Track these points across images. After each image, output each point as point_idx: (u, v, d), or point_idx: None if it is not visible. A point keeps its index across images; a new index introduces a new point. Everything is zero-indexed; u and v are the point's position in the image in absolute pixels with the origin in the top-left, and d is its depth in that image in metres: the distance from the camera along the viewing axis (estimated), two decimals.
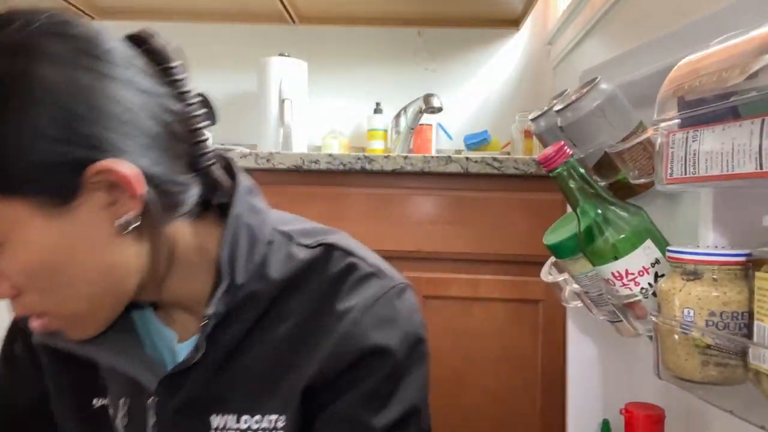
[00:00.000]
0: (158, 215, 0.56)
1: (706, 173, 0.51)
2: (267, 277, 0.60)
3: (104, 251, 0.54)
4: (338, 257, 0.63)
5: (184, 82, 0.60)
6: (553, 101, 0.77)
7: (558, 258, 0.68)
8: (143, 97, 0.55)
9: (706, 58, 0.52)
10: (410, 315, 0.63)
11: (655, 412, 0.63)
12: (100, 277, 0.55)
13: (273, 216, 0.67)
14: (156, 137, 0.55)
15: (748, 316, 0.50)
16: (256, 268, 0.60)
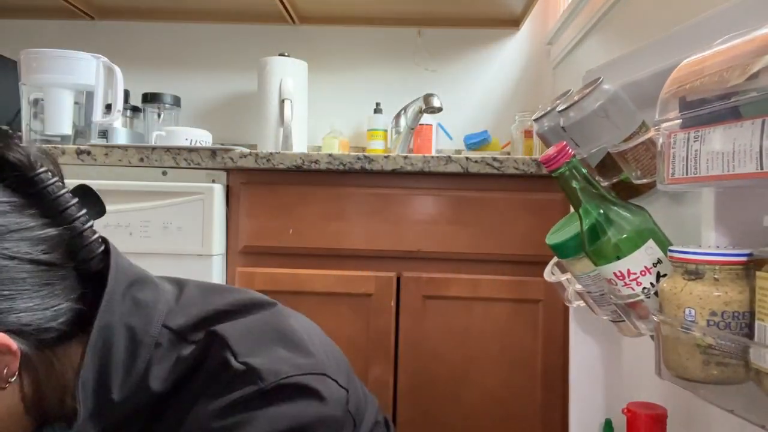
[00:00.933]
0: (38, 358, 0.53)
1: (707, 173, 0.51)
2: (149, 389, 0.56)
3: (3, 408, 0.53)
4: (215, 352, 0.58)
5: (51, 188, 0.54)
6: (556, 101, 0.77)
7: (560, 258, 0.68)
8: (14, 242, 0.51)
9: (708, 59, 0.52)
10: (271, 421, 0.55)
11: (657, 411, 0.63)
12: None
13: (169, 303, 0.62)
14: (30, 282, 0.52)
15: (750, 315, 0.50)
16: (137, 381, 0.56)
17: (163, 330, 0.59)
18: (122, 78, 1.65)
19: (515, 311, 1.37)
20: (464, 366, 1.37)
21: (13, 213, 0.52)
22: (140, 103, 1.91)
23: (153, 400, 0.57)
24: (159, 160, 1.35)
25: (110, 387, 0.55)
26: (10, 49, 1.84)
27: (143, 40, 2.12)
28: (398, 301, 1.36)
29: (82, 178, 1.36)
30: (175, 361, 0.57)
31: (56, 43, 1.68)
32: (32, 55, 1.60)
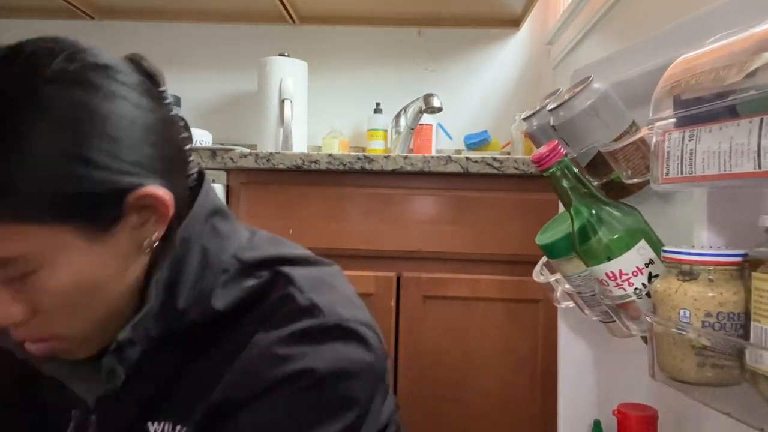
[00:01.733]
0: (174, 233, 0.58)
1: (703, 173, 0.50)
2: (211, 307, 0.60)
3: (128, 272, 0.57)
4: (279, 286, 0.61)
5: (171, 105, 0.61)
6: (546, 100, 0.76)
7: (551, 258, 0.68)
8: (159, 122, 0.57)
9: (703, 56, 0.52)
10: (327, 356, 0.58)
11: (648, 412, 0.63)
12: (121, 296, 0.57)
13: (241, 241, 0.65)
14: (171, 159, 0.58)
15: (745, 316, 0.50)
16: (202, 296, 0.60)
17: (233, 260, 0.62)
18: None
19: (515, 311, 1.37)
20: (464, 366, 1.36)
21: (156, 103, 0.58)
22: None
23: (212, 319, 0.60)
24: None
25: (177, 294, 0.58)
26: None
27: (143, 40, 2.12)
28: (398, 301, 1.36)
29: None
30: (239, 289, 0.61)
31: None
32: None
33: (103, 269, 0.55)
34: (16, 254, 0.51)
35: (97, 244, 0.53)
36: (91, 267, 0.54)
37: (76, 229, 0.52)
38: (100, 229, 0.53)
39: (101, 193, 0.52)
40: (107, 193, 0.52)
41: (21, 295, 0.53)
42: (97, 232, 0.53)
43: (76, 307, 0.55)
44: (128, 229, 0.55)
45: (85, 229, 0.52)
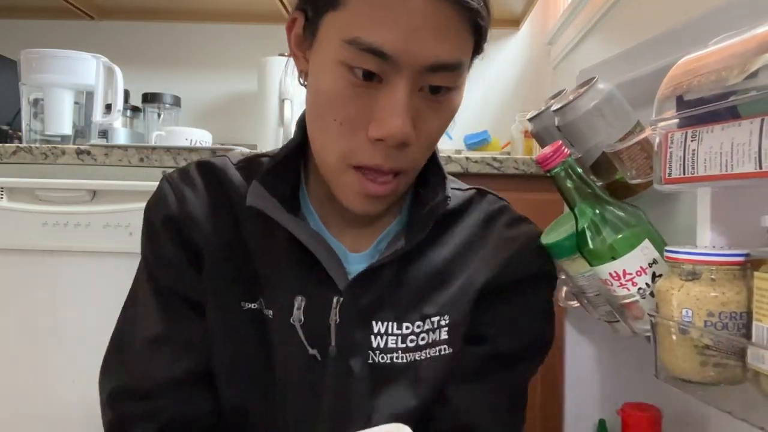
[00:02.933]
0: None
1: (705, 173, 0.51)
2: (446, 197, 0.65)
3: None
4: (493, 199, 0.73)
5: None
6: (551, 101, 0.76)
7: (555, 258, 0.68)
8: None
9: (705, 57, 0.52)
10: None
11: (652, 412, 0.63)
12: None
13: None
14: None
15: (747, 316, 0.50)
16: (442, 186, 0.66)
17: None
18: (122, 78, 1.65)
19: None
20: None
21: None
22: (140, 103, 1.91)
23: (445, 208, 0.66)
24: (159, 160, 1.35)
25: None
26: (10, 49, 1.84)
27: (143, 40, 2.12)
28: None
29: (82, 178, 1.36)
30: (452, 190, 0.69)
31: (56, 43, 1.68)
32: (32, 55, 1.60)
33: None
34: (466, 63, 0.57)
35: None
36: (462, 94, 0.60)
37: (474, 53, 0.60)
38: (476, 54, 0.61)
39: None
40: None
41: (416, 122, 0.56)
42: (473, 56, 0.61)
43: (438, 139, 0.60)
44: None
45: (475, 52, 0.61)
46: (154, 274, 0.67)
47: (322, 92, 0.57)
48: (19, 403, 1.31)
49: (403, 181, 0.60)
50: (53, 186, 1.34)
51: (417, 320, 0.64)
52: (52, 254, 1.34)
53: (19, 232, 1.34)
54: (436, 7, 0.52)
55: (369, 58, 0.53)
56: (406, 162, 0.58)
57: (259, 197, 0.62)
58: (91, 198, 1.35)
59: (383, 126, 0.54)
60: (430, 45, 0.53)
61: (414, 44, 0.52)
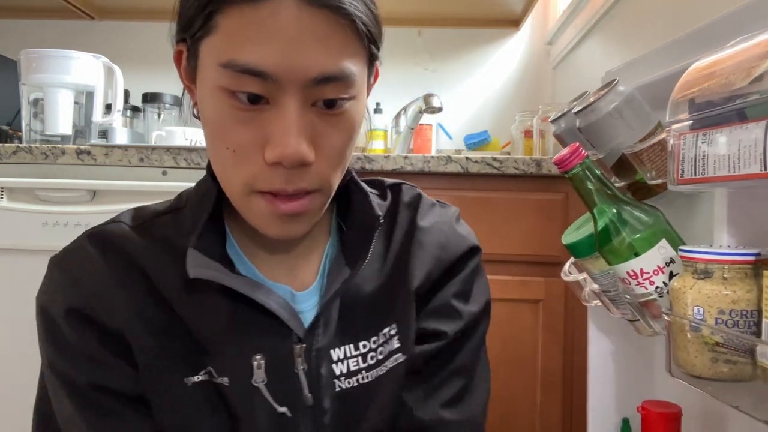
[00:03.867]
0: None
1: (714, 174, 0.52)
2: (376, 216, 0.63)
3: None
4: (407, 190, 0.72)
5: None
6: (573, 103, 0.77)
7: (576, 257, 0.69)
8: None
9: (716, 62, 0.53)
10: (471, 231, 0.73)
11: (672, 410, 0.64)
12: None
13: None
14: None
15: (757, 314, 0.51)
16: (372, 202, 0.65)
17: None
18: (122, 78, 1.65)
19: (515, 311, 1.37)
20: None
21: None
22: (140, 103, 1.90)
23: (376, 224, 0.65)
24: (159, 160, 1.35)
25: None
26: (10, 49, 1.83)
27: (143, 40, 2.12)
28: None
29: (82, 178, 1.36)
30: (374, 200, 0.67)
31: (56, 43, 1.67)
32: (32, 55, 1.59)
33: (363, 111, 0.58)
34: (358, 73, 0.53)
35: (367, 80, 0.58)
36: (363, 114, 0.58)
37: (368, 60, 0.57)
38: (370, 69, 0.59)
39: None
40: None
41: (316, 138, 0.53)
42: (369, 73, 0.58)
43: (346, 154, 0.57)
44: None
45: (369, 59, 0.57)
46: (70, 378, 0.57)
47: (210, 121, 0.54)
48: (19, 403, 1.31)
49: (318, 200, 0.56)
50: (53, 186, 1.34)
51: (372, 335, 0.63)
52: (52, 254, 1.34)
53: (19, 232, 1.34)
54: (310, 16, 0.49)
55: (249, 80, 0.50)
56: (314, 181, 0.54)
57: (201, 266, 0.56)
58: (91, 198, 1.35)
59: (277, 148, 0.51)
60: (311, 57, 0.50)
61: (293, 58, 0.49)
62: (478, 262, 0.71)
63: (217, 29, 0.51)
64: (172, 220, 0.64)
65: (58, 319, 0.58)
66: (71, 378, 0.57)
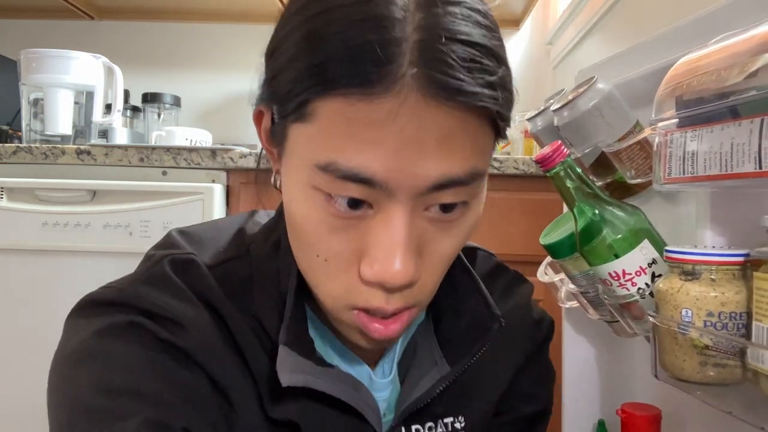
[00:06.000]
0: None
1: (704, 173, 0.51)
2: (496, 315, 0.56)
3: None
4: (483, 258, 0.65)
5: None
6: (550, 101, 0.76)
7: (555, 258, 0.68)
8: None
9: (705, 57, 0.52)
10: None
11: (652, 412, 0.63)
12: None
13: None
14: None
15: (747, 316, 0.50)
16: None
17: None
18: (122, 78, 1.65)
19: None
20: None
21: None
22: (140, 103, 1.91)
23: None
24: (159, 160, 1.36)
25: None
26: (10, 49, 1.84)
27: (143, 40, 2.12)
28: None
29: (82, 178, 1.36)
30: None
31: (56, 43, 1.68)
32: (32, 55, 1.60)
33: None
34: (485, 170, 0.43)
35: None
36: (484, 196, 0.47)
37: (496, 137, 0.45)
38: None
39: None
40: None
41: (441, 233, 0.45)
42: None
43: (451, 261, 0.47)
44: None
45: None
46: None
47: (298, 220, 0.45)
48: (20, 402, 1.31)
49: (415, 313, 0.48)
50: (53, 186, 1.35)
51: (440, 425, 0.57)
52: (52, 254, 1.34)
53: (19, 232, 1.35)
54: (435, 114, 0.39)
55: (351, 186, 0.40)
56: (415, 297, 0.46)
57: (295, 371, 0.48)
58: (91, 198, 1.35)
59: (377, 268, 0.42)
60: (432, 162, 0.40)
61: (409, 164, 0.40)
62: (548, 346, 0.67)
63: (314, 118, 0.41)
64: (246, 275, 0.53)
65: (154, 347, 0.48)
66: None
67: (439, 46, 0.39)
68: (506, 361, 0.61)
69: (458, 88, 0.39)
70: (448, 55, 0.39)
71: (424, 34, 0.39)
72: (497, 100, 0.41)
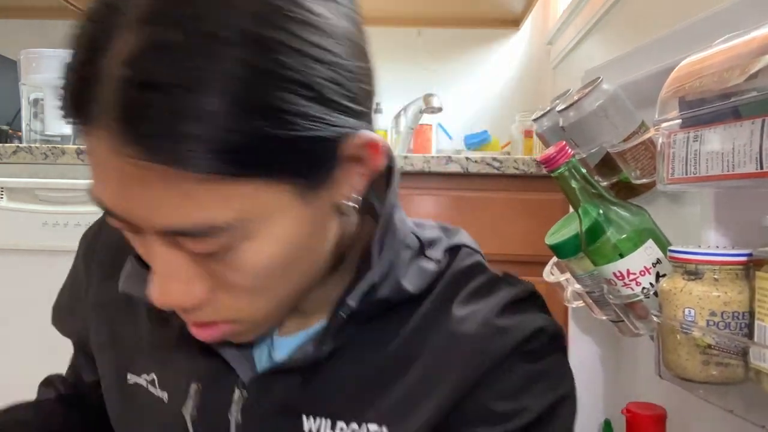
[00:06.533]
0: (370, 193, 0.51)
1: (707, 173, 0.51)
2: (401, 287, 0.52)
3: (328, 236, 0.47)
4: (464, 255, 0.56)
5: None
6: (556, 101, 0.77)
7: (560, 258, 0.68)
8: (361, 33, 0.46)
9: (707, 59, 0.52)
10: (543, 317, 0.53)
11: (657, 412, 0.63)
12: (316, 266, 0.48)
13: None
14: (371, 92, 0.47)
15: (749, 315, 0.50)
16: (394, 273, 0.52)
17: (412, 236, 0.55)
18: None
19: None
20: None
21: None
22: None
23: (399, 300, 0.52)
24: None
25: (372, 266, 0.50)
26: (10, 49, 1.84)
27: None
28: None
29: (82, 178, 1.36)
30: (422, 269, 0.54)
31: (56, 43, 1.68)
32: (32, 55, 1.60)
33: (308, 236, 0.44)
34: (229, 220, 0.39)
35: (307, 205, 0.43)
36: (298, 234, 0.43)
37: (293, 187, 0.41)
38: (313, 185, 0.42)
39: (325, 138, 0.41)
40: (323, 138, 0.41)
41: (208, 271, 0.43)
42: (309, 189, 0.42)
43: (269, 284, 0.45)
44: (335, 183, 0.45)
45: (300, 185, 0.41)
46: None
47: None
48: None
49: (239, 328, 0.48)
50: (53, 186, 1.35)
51: (353, 422, 0.51)
52: (52, 254, 1.34)
53: (19, 232, 1.35)
54: (122, 161, 0.36)
55: (108, 215, 0.40)
56: (220, 314, 0.45)
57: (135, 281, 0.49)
58: None
59: (149, 291, 0.43)
60: (141, 210, 0.38)
61: (132, 205, 0.38)
62: (535, 367, 0.51)
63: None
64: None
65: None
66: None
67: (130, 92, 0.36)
68: (451, 374, 0.50)
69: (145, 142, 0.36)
70: (137, 101, 0.35)
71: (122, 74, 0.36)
72: (185, 158, 0.36)
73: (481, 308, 0.52)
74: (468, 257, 0.56)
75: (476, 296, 0.53)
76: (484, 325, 0.50)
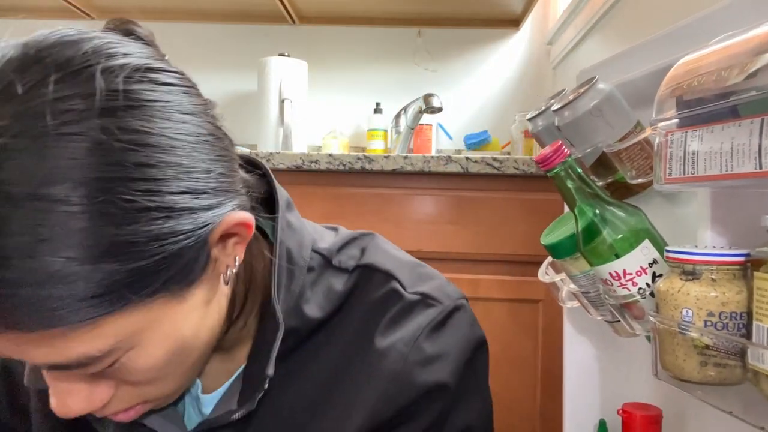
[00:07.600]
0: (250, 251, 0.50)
1: (705, 173, 0.51)
2: (304, 315, 0.52)
3: (217, 308, 0.48)
4: (378, 282, 0.55)
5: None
6: (551, 101, 0.76)
7: (555, 258, 0.68)
8: (208, 116, 0.48)
9: (705, 57, 0.52)
10: (460, 339, 0.55)
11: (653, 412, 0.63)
12: (213, 336, 0.48)
13: (308, 230, 0.57)
14: (230, 159, 0.47)
15: (747, 316, 0.50)
16: (294, 303, 0.52)
17: (314, 254, 0.55)
18: None
19: (515, 311, 1.37)
20: None
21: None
22: None
23: (306, 328, 0.52)
24: None
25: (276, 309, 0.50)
26: None
27: None
28: None
29: None
30: (328, 289, 0.54)
31: None
32: None
33: (194, 322, 0.45)
34: (106, 348, 0.40)
35: (186, 299, 0.44)
36: (183, 326, 0.44)
37: (168, 293, 0.42)
38: (190, 282, 0.43)
39: (185, 245, 0.41)
40: (191, 242, 0.41)
41: (107, 375, 0.44)
42: (185, 287, 0.43)
43: (168, 372, 0.46)
44: (212, 266, 0.45)
45: (175, 290, 0.42)
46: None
47: None
48: None
49: (150, 405, 0.50)
50: None
51: None
52: None
53: None
54: (2, 338, 0.38)
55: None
56: (126, 401, 0.47)
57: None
58: None
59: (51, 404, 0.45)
60: (18, 355, 0.40)
61: (5, 353, 0.40)
62: (447, 399, 0.53)
63: None
64: None
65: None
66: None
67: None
68: (372, 406, 0.51)
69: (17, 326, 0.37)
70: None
71: None
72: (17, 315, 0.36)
73: (400, 337, 0.52)
74: (382, 285, 0.55)
75: (394, 325, 0.53)
76: (403, 361, 0.51)
